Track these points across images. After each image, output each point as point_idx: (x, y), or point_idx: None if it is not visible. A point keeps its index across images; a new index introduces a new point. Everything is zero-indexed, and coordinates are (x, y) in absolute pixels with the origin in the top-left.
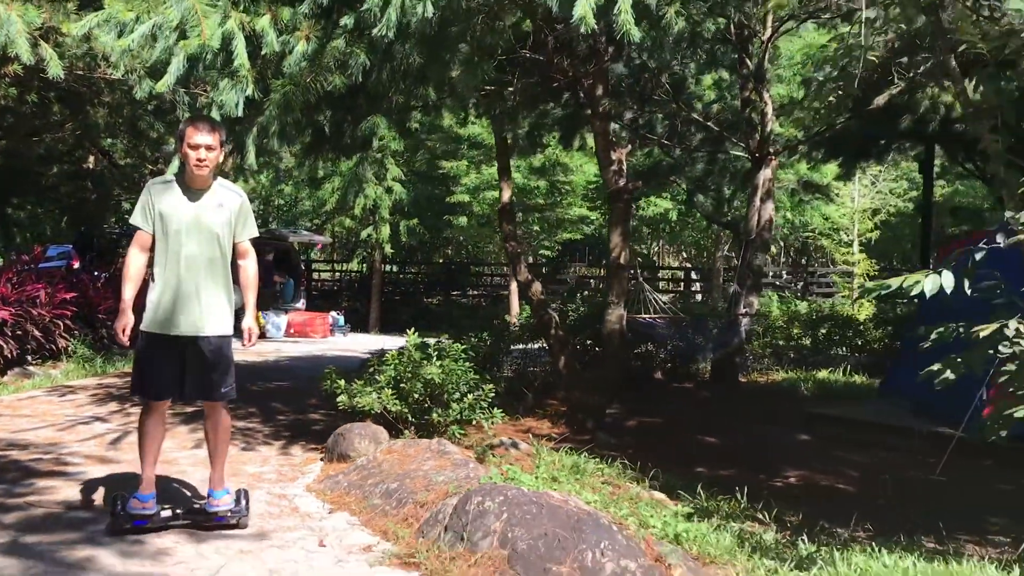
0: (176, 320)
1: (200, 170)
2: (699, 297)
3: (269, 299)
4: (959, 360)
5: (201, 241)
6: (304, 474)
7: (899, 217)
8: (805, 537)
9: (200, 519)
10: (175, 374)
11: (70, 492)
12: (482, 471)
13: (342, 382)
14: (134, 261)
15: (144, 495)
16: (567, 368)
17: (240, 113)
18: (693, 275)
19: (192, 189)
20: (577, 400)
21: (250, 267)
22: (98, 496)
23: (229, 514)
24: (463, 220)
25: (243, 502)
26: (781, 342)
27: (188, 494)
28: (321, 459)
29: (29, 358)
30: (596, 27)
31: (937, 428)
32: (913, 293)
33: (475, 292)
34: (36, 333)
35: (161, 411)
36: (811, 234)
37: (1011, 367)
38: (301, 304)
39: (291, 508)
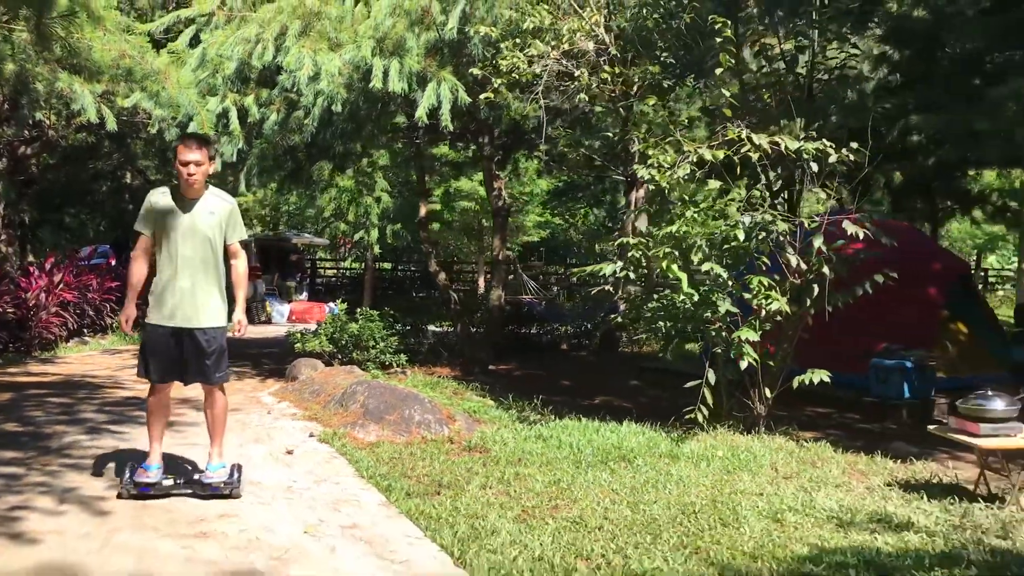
0: (174, 313)
1: (191, 183)
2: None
3: (283, 290)
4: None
5: (195, 244)
6: (268, 388)
7: None
8: (553, 415)
9: (197, 488)
10: (175, 360)
11: (125, 393)
12: (368, 382)
13: (299, 335)
14: (137, 263)
15: (150, 466)
16: (463, 332)
17: (234, 159)
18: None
19: (186, 199)
20: (469, 354)
21: (240, 266)
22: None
23: (223, 485)
24: (437, 226)
25: (236, 475)
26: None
27: (189, 468)
28: (281, 381)
29: (85, 331)
30: (435, 118)
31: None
32: (604, 273)
33: (457, 286)
34: (91, 312)
35: (165, 392)
36: None
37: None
38: (304, 295)
39: (256, 400)
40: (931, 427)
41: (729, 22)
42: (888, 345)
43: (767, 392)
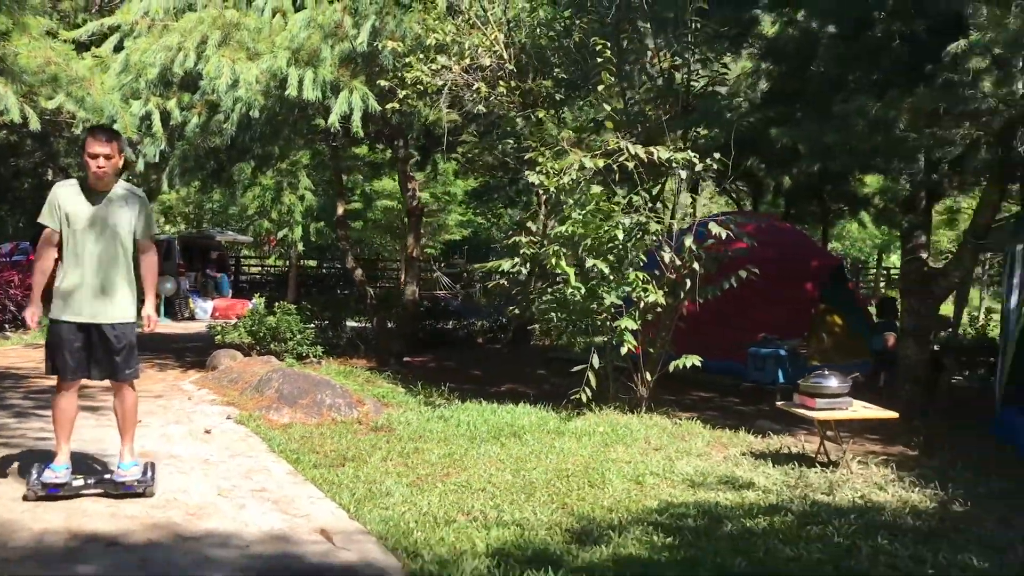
0: (81, 309)
1: (99, 176)
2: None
3: (205, 287)
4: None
5: (103, 238)
6: (189, 377)
7: None
8: (458, 400)
9: (109, 488)
10: (83, 357)
11: (51, 382)
12: (283, 370)
13: (219, 328)
14: (42, 257)
15: (58, 466)
16: (378, 326)
17: (156, 160)
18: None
19: (95, 192)
20: (384, 346)
21: (150, 261)
22: None
23: (136, 483)
24: (359, 224)
25: (149, 473)
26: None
27: (99, 467)
28: (202, 371)
29: (7, 326)
30: (348, 123)
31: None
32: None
33: (382, 283)
34: (12, 308)
35: (72, 390)
36: None
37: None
38: (228, 292)
39: (178, 388)
40: (779, 403)
41: (608, 44)
42: (766, 335)
43: (648, 376)
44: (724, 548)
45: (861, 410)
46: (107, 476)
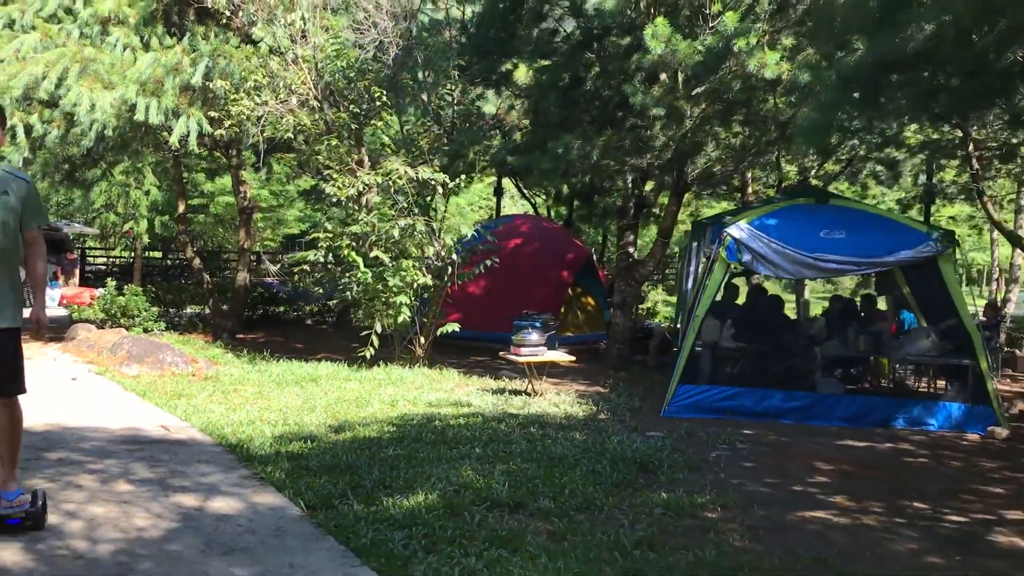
0: None
1: None
2: None
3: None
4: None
5: None
6: (51, 346)
7: None
8: (276, 360)
9: None
10: None
11: None
12: (132, 336)
13: (75, 307)
14: None
15: None
16: (213, 307)
17: (20, 166)
18: None
19: None
20: (217, 324)
21: (39, 256)
22: None
23: (24, 515)
24: (201, 218)
25: (39, 502)
26: None
27: None
28: (63, 342)
29: None
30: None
31: None
32: (309, 259)
33: (225, 272)
34: None
35: None
36: None
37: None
38: (75, 281)
39: (43, 353)
40: (501, 353)
41: (385, 92)
42: (527, 311)
43: (422, 340)
44: (427, 431)
45: (550, 355)
46: None
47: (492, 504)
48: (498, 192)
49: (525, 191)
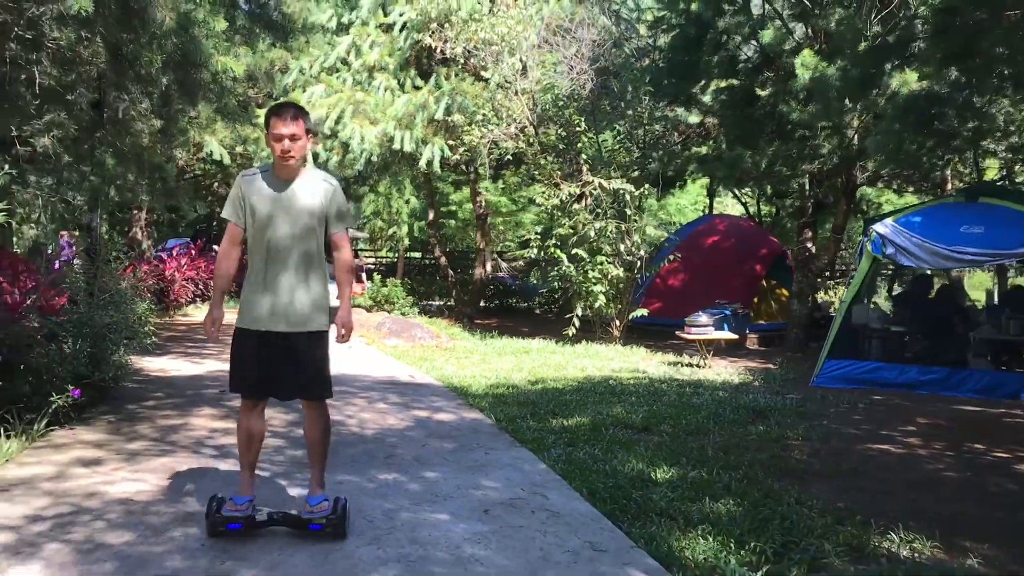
0: (268, 315)
1: (285, 161)
2: None
3: None
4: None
5: (293, 233)
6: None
7: None
8: (500, 337)
9: (293, 525)
10: (269, 372)
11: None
12: (392, 317)
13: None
14: (224, 256)
15: (240, 498)
16: (456, 296)
17: None
18: None
19: (280, 179)
20: (459, 311)
21: (344, 258)
22: None
23: (324, 522)
24: (452, 223)
25: (340, 510)
26: None
27: (281, 498)
28: None
29: (198, 299)
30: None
31: None
32: None
33: (467, 271)
34: (201, 285)
35: (258, 411)
36: None
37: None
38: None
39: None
40: (677, 332)
41: (582, 119)
42: (718, 300)
43: (617, 323)
44: (601, 386)
45: (716, 334)
46: (294, 511)
47: (626, 426)
48: (711, 193)
49: (736, 192)
